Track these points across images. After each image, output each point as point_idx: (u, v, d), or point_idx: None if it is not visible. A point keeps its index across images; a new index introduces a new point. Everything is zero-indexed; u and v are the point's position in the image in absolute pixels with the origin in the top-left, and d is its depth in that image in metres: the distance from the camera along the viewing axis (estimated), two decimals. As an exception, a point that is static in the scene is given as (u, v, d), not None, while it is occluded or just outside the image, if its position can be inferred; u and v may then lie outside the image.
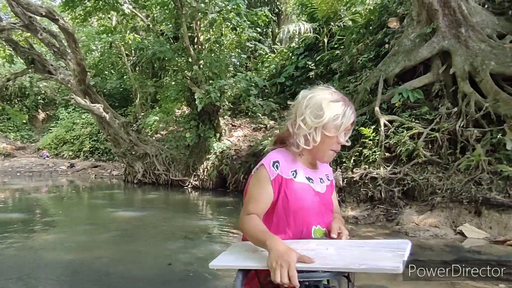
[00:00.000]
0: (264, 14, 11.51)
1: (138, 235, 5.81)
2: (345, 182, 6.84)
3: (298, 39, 13.42)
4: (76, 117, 21.67)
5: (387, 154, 6.71)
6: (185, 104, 13.52)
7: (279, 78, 13.64)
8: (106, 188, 13.40)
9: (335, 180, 1.68)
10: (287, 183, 1.55)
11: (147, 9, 12.90)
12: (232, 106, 13.47)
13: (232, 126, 12.89)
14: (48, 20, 12.48)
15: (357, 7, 10.80)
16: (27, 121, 23.87)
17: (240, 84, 10.36)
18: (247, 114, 12.95)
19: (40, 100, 25.09)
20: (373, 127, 7.02)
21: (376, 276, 3.37)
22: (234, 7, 10.44)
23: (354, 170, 6.81)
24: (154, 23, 12.85)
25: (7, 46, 13.17)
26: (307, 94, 1.59)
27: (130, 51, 16.49)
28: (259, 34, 14.15)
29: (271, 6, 16.14)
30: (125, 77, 18.16)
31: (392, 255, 1.27)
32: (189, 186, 11.99)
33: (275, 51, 15.62)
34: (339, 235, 1.57)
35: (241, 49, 13.04)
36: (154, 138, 13.57)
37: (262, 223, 1.48)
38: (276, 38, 15.47)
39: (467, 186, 5.73)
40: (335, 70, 10.38)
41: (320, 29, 12.31)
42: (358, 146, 7.05)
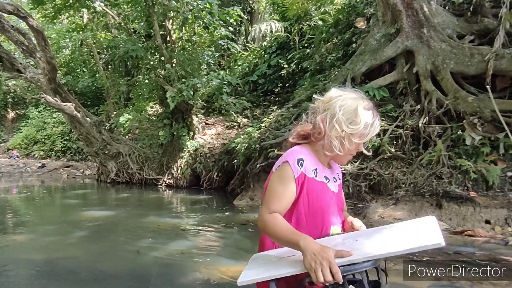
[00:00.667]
0: (236, 13, 11.59)
1: (109, 233, 5.82)
2: (314, 178, 7.02)
3: (269, 38, 13.57)
4: (47, 116, 21.24)
5: (354, 151, 6.93)
6: (158, 102, 13.49)
7: (252, 77, 13.78)
8: (78, 188, 13.24)
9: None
10: (309, 182, 1.55)
11: (118, 7, 12.79)
12: (206, 105, 13.52)
13: (206, 124, 12.92)
14: (17, 18, 12.19)
15: (326, 6, 11.02)
16: (-5, 120, 23.26)
17: (212, 82, 10.43)
18: (221, 112, 13.02)
19: (10, 99, 24.46)
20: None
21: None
22: (206, 6, 10.49)
23: (323, 166, 7.00)
24: (126, 21, 12.75)
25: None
26: (338, 94, 1.57)
27: (102, 49, 16.29)
28: (231, 33, 14.24)
29: (243, 5, 16.26)
30: (97, 75, 17.91)
31: (427, 231, 1.27)
32: (163, 185, 11.99)
33: (248, 49, 15.75)
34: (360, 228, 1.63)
35: (214, 47, 13.10)
36: (127, 137, 13.48)
37: (287, 223, 1.47)
38: (248, 37, 15.57)
39: (429, 180, 6.01)
40: (306, 69, 10.59)
41: (292, 28, 12.49)
42: (327, 143, 7.25)
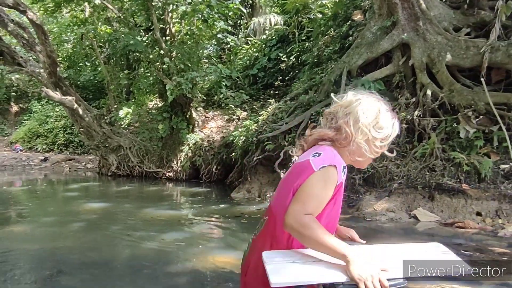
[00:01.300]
0: (235, 6, 11.60)
1: (106, 224, 5.91)
2: (309, 171, 7.08)
3: (268, 31, 13.57)
4: (50, 110, 21.34)
5: (349, 143, 6.97)
6: (157, 96, 13.55)
7: (252, 70, 13.79)
8: (80, 181, 13.36)
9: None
10: (340, 188, 1.52)
11: (118, 0, 12.82)
12: (206, 98, 13.56)
13: (206, 117, 12.99)
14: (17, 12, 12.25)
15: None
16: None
17: (211, 76, 10.46)
18: (220, 106, 13.06)
19: (13, 93, 24.57)
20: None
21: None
22: (204, -1, 10.52)
23: (318, 159, 7.05)
24: (126, 15, 12.78)
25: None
26: (357, 97, 1.56)
27: (104, 43, 16.33)
28: (231, 26, 14.25)
29: (244, -2, 16.26)
30: (98, 69, 17.97)
31: (447, 256, 1.40)
32: (163, 178, 12.09)
33: (249, 42, 15.75)
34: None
35: (213, 41, 13.12)
36: (127, 131, 13.56)
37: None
38: (247, 30, 15.56)
39: (422, 172, 6.06)
40: (306, 62, 10.61)
41: (291, 21, 12.49)
42: (323, 136, 7.29)
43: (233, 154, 9.26)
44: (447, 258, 1.39)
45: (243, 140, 8.86)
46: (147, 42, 11.57)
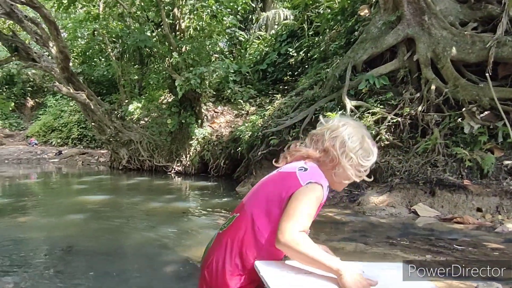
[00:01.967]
0: (244, 1, 11.63)
1: (111, 215, 6.07)
2: (312, 166, 7.13)
3: (277, 26, 13.58)
4: (64, 104, 21.76)
5: (353, 138, 6.98)
6: (167, 91, 13.71)
7: (262, 65, 13.83)
8: (92, 174, 13.62)
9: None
10: (320, 207, 1.59)
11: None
12: (215, 93, 13.67)
13: (215, 112, 13.10)
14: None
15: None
16: (15, 108, 23.91)
17: (219, 71, 10.54)
18: (229, 101, 13.15)
19: (29, 88, 25.08)
20: (340, 112, 7.28)
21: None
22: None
23: (322, 154, 7.09)
24: (136, 10, 12.92)
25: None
26: (344, 122, 1.65)
27: (117, 38, 16.55)
28: (243, 21, 14.29)
29: (256, -8, 16.25)
30: (110, 64, 18.21)
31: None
32: (172, 172, 12.26)
33: (260, 37, 15.78)
34: None
35: (223, 36, 13.19)
36: (138, 125, 13.76)
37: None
38: (256, 24, 15.59)
39: (424, 168, 6.04)
40: (313, 57, 10.61)
41: (301, 15, 12.48)
42: (326, 131, 7.32)
43: (239, 148, 9.35)
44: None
45: (249, 134, 8.94)
46: (156, 37, 11.70)
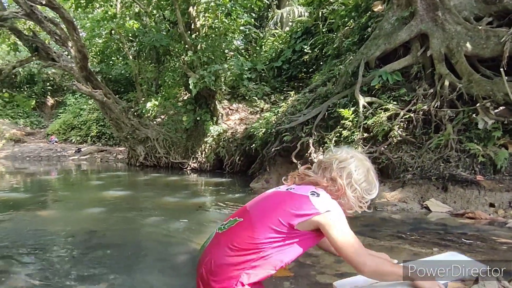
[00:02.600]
0: (258, -1, 11.72)
1: (126, 210, 6.25)
2: (325, 162, 7.17)
3: (291, 23, 13.60)
4: (83, 103, 22.23)
5: (365, 135, 7.00)
6: (183, 89, 13.89)
7: (277, 62, 13.89)
8: (110, 171, 13.93)
9: (317, 161, 1.94)
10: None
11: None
12: (231, 91, 13.80)
13: (230, 109, 13.22)
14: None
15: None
16: (36, 107, 24.52)
17: (233, 69, 10.65)
18: (244, 98, 13.26)
19: (49, 87, 25.69)
20: (353, 108, 7.31)
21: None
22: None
23: (334, 150, 7.12)
24: (152, 9, 13.12)
25: (11, 34, 13.64)
26: (352, 154, 1.79)
27: (133, 37, 16.83)
28: (258, 18, 14.35)
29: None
30: (127, 62, 18.51)
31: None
32: (188, 168, 12.46)
33: (275, 35, 15.83)
34: None
35: (238, 34, 13.28)
36: (155, 123, 14.00)
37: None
38: (271, 21, 15.62)
39: (436, 163, 6.03)
40: (327, 54, 10.62)
41: (314, 12, 12.48)
42: (339, 127, 7.36)
43: (253, 145, 9.44)
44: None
45: (263, 131, 9.02)
46: (172, 36, 11.87)
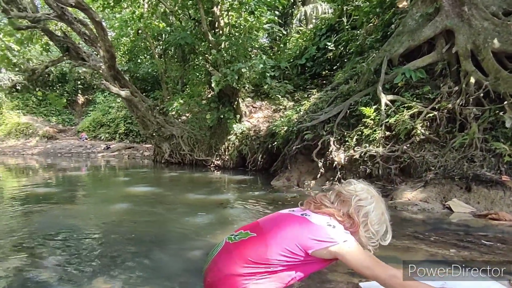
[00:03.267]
0: (282, -4, 11.70)
1: (156, 205, 6.43)
2: (346, 160, 7.13)
3: (315, 20, 13.50)
4: (112, 101, 22.78)
5: (387, 133, 6.91)
6: (207, 87, 14.03)
7: (301, 60, 13.83)
8: (137, 167, 14.23)
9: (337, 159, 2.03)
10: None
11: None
12: (254, 89, 13.84)
13: (253, 107, 13.28)
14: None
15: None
16: (67, 105, 25.31)
17: (257, 67, 10.68)
18: (268, 96, 13.27)
19: (80, 85, 26.46)
20: (374, 107, 7.22)
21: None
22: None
23: (355, 149, 7.08)
24: (178, 8, 13.30)
25: (44, 35, 14.15)
26: (372, 194, 1.85)
27: (160, 36, 17.12)
28: (282, 16, 14.33)
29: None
30: (153, 61, 18.85)
31: None
32: (211, 166, 12.60)
33: (300, 32, 15.77)
34: None
35: (262, 32, 13.31)
36: (179, 120, 14.22)
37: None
38: (294, 19, 15.55)
39: (460, 163, 5.90)
40: (351, 51, 10.52)
41: (338, 9, 12.36)
42: (361, 125, 7.29)
43: (275, 143, 9.46)
44: None
45: (284, 129, 9.03)
46: (196, 34, 12.01)
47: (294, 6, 17.00)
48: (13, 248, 4.08)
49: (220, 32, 11.87)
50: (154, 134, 13.84)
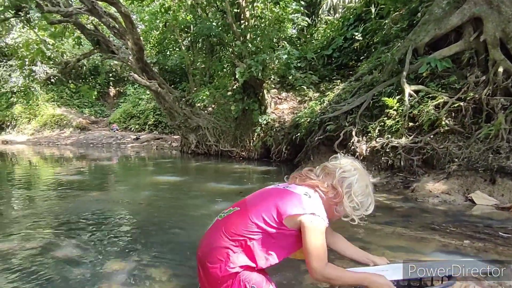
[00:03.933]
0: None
1: (182, 194, 6.62)
2: (367, 151, 7.07)
3: (341, 10, 13.29)
4: (142, 93, 23.26)
5: (410, 124, 6.79)
6: (233, 78, 14.12)
7: (327, 50, 13.68)
8: (165, 157, 14.55)
9: (359, 150, 2.11)
10: None
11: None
12: (280, 80, 13.83)
13: (278, 99, 13.28)
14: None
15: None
16: (99, 97, 26.05)
17: (281, 58, 10.66)
18: (294, 87, 13.23)
19: (111, 78, 27.15)
20: (398, 97, 7.10)
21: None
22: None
23: (378, 140, 7.00)
24: (204, 0, 13.40)
25: (76, 29, 14.61)
26: (356, 167, 1.89)
27: (188, 28, 17.31)
28: (310, 6, 14.18)
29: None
30: (180, 53, 19.07)
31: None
32: (236, 156, 12.72)
33: (328, 22, 15.57)
34: None
35: (287, 22, 13.23)
36: (206, 112, 14.40)
37: (340, 268, 1.83)
38: (320, 10, 15.35)
39: (485, 154, 5.74)
40: (377, 41, 10.33)
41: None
42: (384, 116, 7.19)
43: (298, 134, 9.46)
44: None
45: (307, 120, 9.01)
46: (222, 26, 12.09)
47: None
48: (49, 227, 4.41)
49: (246, 23, 11.90)
50: (181, 125, 14.09)
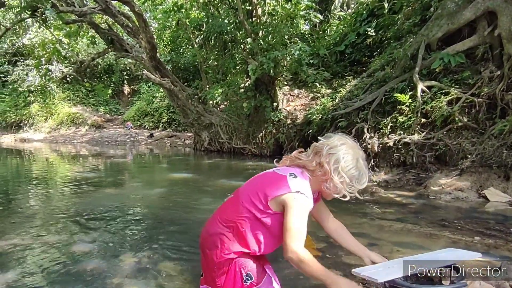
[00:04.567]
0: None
1: (193, 190, 6.67)
2: (379, 148, 7.03)
3: (353, 5, 13.18)
4: (155, 91, 23.46)
5: (423, 120, 6.73)
6: (245, 76, 14.14)
7: (340, 47, 13.59)
8: (178, 155, 14.66)
9: (370, 146, 2.04)
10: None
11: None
12: (292, 77, 13.80)
13: (291, 95, 13.26)
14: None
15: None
16: (113, 95, 26.36)
17: (293, 54, 10.64)
18: (306, 84, 13.19)
19: (125, 76, 27.42)
20: (410, 93, 7.04)
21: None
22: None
23: (390, 136, 6.95)
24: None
25: (90, 28, 14.80)
26: (342, 142, 1.83)
27: (202, 26, 17.36)
28: (323, 1, 14.10)
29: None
30: (193, 51, 19.14)
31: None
32: (249, 154, 12.76)
33: (341, 18, 15.46)
34: None
35: (299, 18, 13.18)
36: (218, 109, 14.46)
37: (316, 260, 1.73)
38: (332, 6, 15.24)
39: (499, 150, 5.66)
40: (389, 36, 10.23)
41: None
42: (396, 112, 7.14)
43: (310, 131, 9.44)
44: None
45: (319, 117, 8.99)
46: (233, 23, 12.11)
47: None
48: (64, 222, 4.52)
49: (258, 20, 11.90)
50: (194, 123, 14.18)
